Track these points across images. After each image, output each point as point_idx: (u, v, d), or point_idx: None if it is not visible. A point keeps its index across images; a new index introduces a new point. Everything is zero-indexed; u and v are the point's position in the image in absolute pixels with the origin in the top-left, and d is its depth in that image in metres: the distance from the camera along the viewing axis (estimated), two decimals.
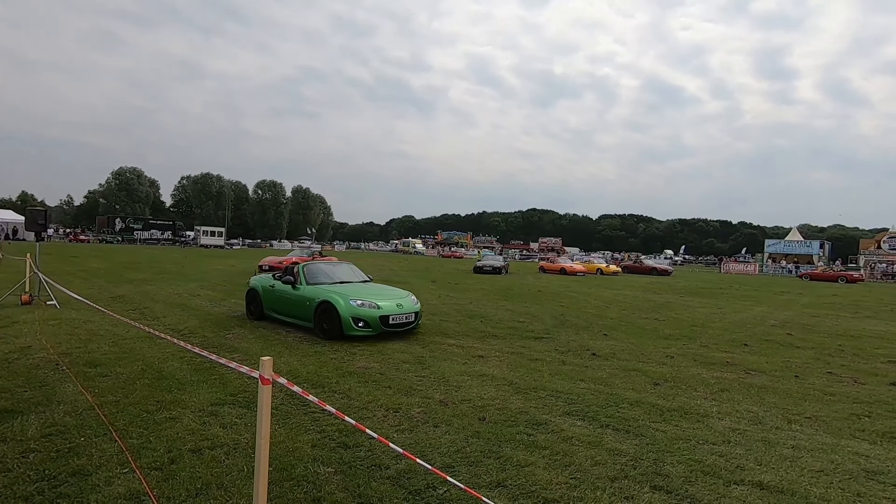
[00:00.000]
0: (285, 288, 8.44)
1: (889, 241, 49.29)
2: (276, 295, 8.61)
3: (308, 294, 8.00)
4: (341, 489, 3.02)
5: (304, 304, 7.95)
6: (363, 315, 7.36)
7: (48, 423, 3.85)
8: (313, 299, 7.80)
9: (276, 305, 8.65)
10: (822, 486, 3.30)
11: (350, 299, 7.50)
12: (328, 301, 7.55)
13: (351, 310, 7.35)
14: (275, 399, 4.38)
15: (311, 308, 7.76)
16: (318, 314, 7.66)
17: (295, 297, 8.21)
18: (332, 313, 7.44)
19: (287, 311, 8.40)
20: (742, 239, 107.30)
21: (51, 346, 6.30)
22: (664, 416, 4.60)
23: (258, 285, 9.15)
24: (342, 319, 7.28)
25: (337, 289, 8.03)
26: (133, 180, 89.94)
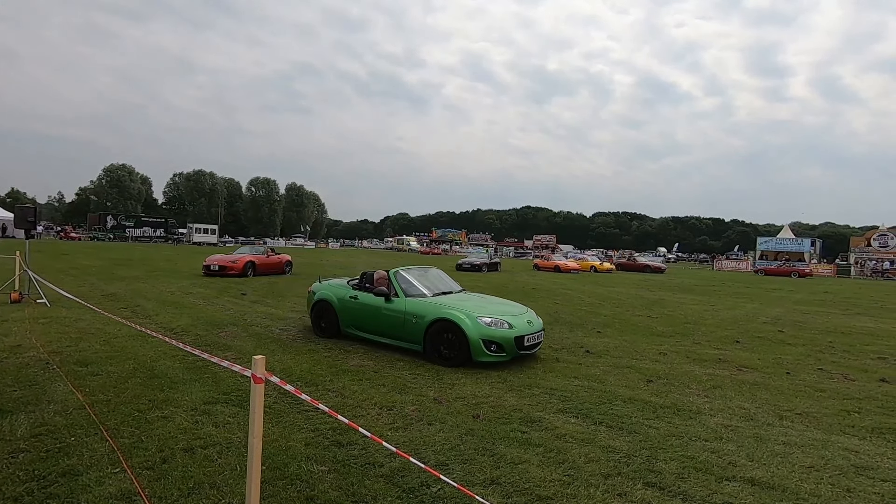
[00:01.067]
0: (375, 301, 6.92)
1: (879, 238, 49.82)
2: (361, 309, 7.09)
3: (412, 309, 6.50)
4: (335, 488, 3.01)
5: (408, 322, 6.48)
6: (496, 337, 5.99)
7: (38, 422, 3.81)
8: (422, 316, 6.36)
9: (360, 322, 7.14)
10: (813, 482, 3.34)
11: (477, 317, 6.12)
12: (447, 319, 6.13)
13: (480, 330, 5.97)
14: (268, 397, 4.36)
15: (420, 327, 6.35)
16: (431, 335, 6.25)
17: (391, 313, 6.71)
18: (453, 335, 6.06)
19: (379, 329, 6.90)
20: (735, 236, 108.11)
21: (41, 345, 6.23)
22: (657, 413, 4.62)
23: (331, 296, 7.54)
24: (470, 342, 5.92)
25: (449, 302, 6.58)
26: (125, 177, 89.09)
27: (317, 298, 7.73)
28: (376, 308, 6.88)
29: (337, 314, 7.38)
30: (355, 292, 7.29)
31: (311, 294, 8.03)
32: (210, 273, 17.23)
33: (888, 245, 48.81)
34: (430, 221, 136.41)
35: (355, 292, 7.29)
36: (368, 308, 7.00)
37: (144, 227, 66.55)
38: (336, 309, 7.39)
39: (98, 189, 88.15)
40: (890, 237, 49.26)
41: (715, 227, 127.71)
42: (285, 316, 9.47)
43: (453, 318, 6.12)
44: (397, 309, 6.66)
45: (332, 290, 7.62)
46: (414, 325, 6.43)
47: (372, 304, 6.96)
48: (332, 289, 7.70)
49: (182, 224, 73.29)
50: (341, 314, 7.35)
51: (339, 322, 7.37)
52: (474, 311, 6.28)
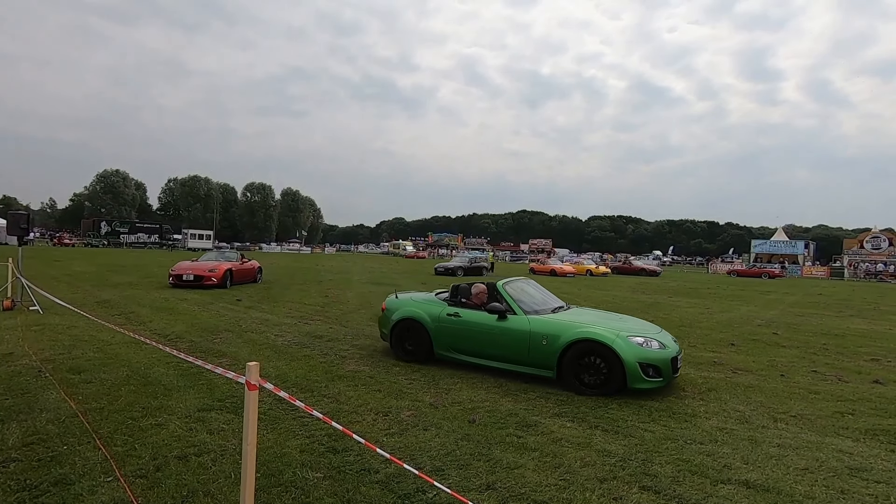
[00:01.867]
0: (484, 319, 5.96)
1: (872, 240, 50.25)
2: (466, 329, 6.06)
3: (540, 329, 5.58)
4: (330, 494, 3.00)
5: (535, 343, 5.55)
6: (653, 359, 5.17)
7: (30, 431, 3.77)
8: (555, 336, 5.43)
9: (464, 344, 6.11)
10: (807, 484, 3.35)
11: (627, 336, 5.30)
12: (592, 340, 5.23)
13: (636, 352, 5.13)
14: (263, 404, 4.34)
15: (551, 350, 5.40)
16: (568, 359, 5.31)
17: (510, 334, 5.74)
18: (601, 358, 5.19)
19: (491, 351, 5.92)
20: (729, 239, 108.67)
21: (33, 353, 6.18)
22: (652, 417, 4.63)
23: (420, 314, 6.44)
24: (626, 367, 5.04)
25: (581, 319, 5.84)
26: (119, 183, 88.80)
27: (399, 317, 6.61)
28: (488, 328, 5.90)
29: (431, 335, 6.29)
30: (454, 309, 6.28)
31: (387, 312, 6.91)
32: (180, 284, 14.78)
33: (881, 247, 49.24)
34: (426, 226, 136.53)
35: (454, 309, 6.28)
36: (477, 328, 5.99)
37: (139, 233, 66.27)
38: (429, 329, 6.30)
39: (92, 195, 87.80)
40: (882, 239, 49.70)
41: (710, 230, 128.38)
42: (280, 322, 9.44)
43: (601, 338, 5.20)
44: (519, 328, 5.70)
45: (422, 307, 6.56)
46: (544, 347, 5.48)
47: (481, 323, 5.96)
48: (420, 305, 6.63)
49: (177, 230, 73.00)
50: (437, 335, 6.27)
51: (432, 344, 6.31)
52: (621, 329, 5.49)
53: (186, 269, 15.10)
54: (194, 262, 16.08)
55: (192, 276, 14.82)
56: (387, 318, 6.88)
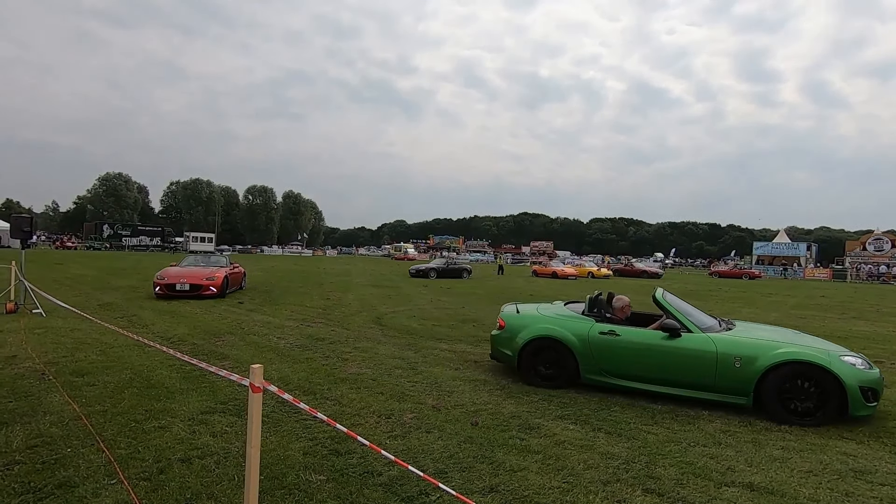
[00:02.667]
0: (650, 338, 5.23)
1: (874, 242, 50.12)
2: (628, 350, 5.27)
3: (729, 349, 4.88)
4: (333, 497, 3.00)
5: (725, 366, 4.85)
6: (871, 382, 4.59)
7: (34, 433, 3.78)
8: (751, 358, 4.76)
9: (625, 367, 5.32)
10: (812, 487, 3.34)
11: (839, 356, 4.71)
12: (803, 362, 4.59)
13: (856, 375, 4.54)
14: (266, 406, 4.34)
15: (747, 374, 4.75)
16: (770, 384, 4.67)
17: (686, 354, 5.01)
18: (811, 383, 4.58)
19: (660, 375, 5.15)
20: (731, 241, 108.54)
21: (36, 356, 6.19)
22: (655, 419, 4.62)
23: (562, 332, 5.57)
24: (849, 393, 4.45)
25: (773, 336, 5.16)
26: (121, 186, 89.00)
27: (531, 336, 5.68)
28: (658, 348, 5.14)
29: (577, 357, 5.45)
30: (608, 326, 5.47)
31: (509, 329, 5.94)
32: (172, 295, 12.44)
33: (883, 249, 49.10)
34: (427, 228, 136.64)
35: (608, 326, 5.47)
36: (642, 348, 5.22)
37: (141, 236, 66.45)
38: (576, 350, 5.45)
39: (94, 198, 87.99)
40: (885, 241, 49.57)
41: (711, 232, 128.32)
42: (282, 324, 9.45)
43: (814, 359, 4.57)
44: (700, 349, 4.98)
45: (562, 324, 5.65)
46: (737, 370, 4.80)
47: (648, 343, 5.21)
48: (559, 322, 5.70)
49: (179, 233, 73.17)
50: (586, 357, 5.42)
51: (579, 367, 5.48)
52: (825, 347, 4.94)
53: (179, 277, 12.74)
54: (184, 268, 13.75)
55: (188, 286, 12.52)
56: (508, 337, 5.89)
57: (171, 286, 12.55)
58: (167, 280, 12.67)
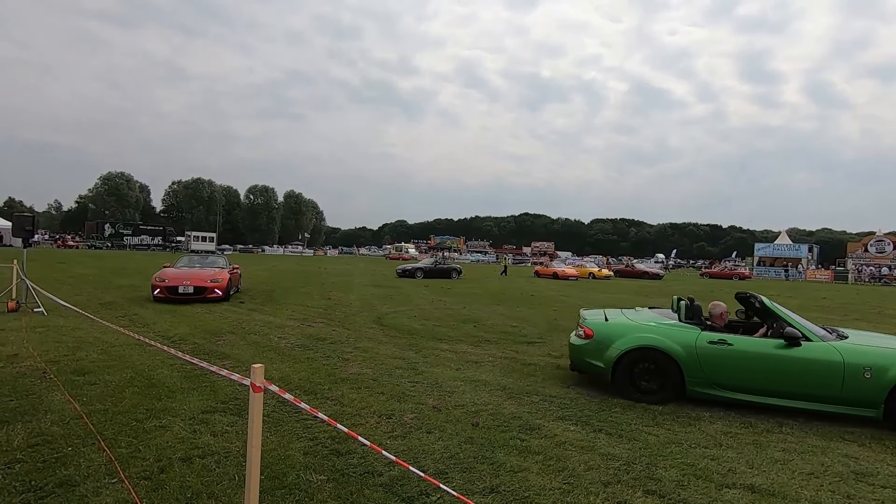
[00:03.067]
0: (765, 347, 4.93)
1: (876, 244, 50.02)
2: (741, 360, 4.95)
3: (857, 359, 4.66)
4: (333, 497, 3.00)
5: (853, 377, 4.61)
6: None
7: (34, 432, 3.78)
8: (883, 369, 4.56)
9: (737, 378, 4.98)
10: (813, 489, 3.33)
11: None
12: None
13: None
14: (266, 406, 4.34)
15: (878, 386, 4.54)
16: None
17: (808, 365, 4.76)
18: None
19: (778, 387, 4.86)
20: (732, 243, 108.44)
21: (38, 354, 6.20)
22: (656, 420, 4.62)
23: (667, 342, 5.16)
24: None
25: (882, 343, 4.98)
26: (123, 185, 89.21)
27: (629, 346, 5.26)
28: (775, 358, 4.84)
29: (683, 368, 5.08)
30: (716, 334, 5.12)
31: (600, 339, 5.48)
32: (174, 299, 11.60)
33: (885, 251, 49.00)
34: (428, 228, 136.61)
35: (716, 334, 5.12)
36: (757, 358, 4.91)
37: (142, 236, 66.60)
38: (682, 361, 5.07)
39: (96, 197, 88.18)
40: (886, 243, 49.46)
41: (713, 233, 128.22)
42: (283, 324, 9.45)
43: None
44: (823, 359, 4.71)
45: (665, 333, 5.25)
46: (866, 381, 4.57)
47: (763, 353, 4.90)
48: (660, 330, 5.30)
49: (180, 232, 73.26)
50: (693, 368, 5.05)
51: (684, 379, 5.11)
52: None
53: (181, 279, 11.87)
54: (185, 270, 12.93)
55: (192, 289, 11.71)
56: (599, 348, 5.44)
57: (173, 289, 11.61)
58: (168, 282, 11.70)
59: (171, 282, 11.76)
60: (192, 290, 11.80)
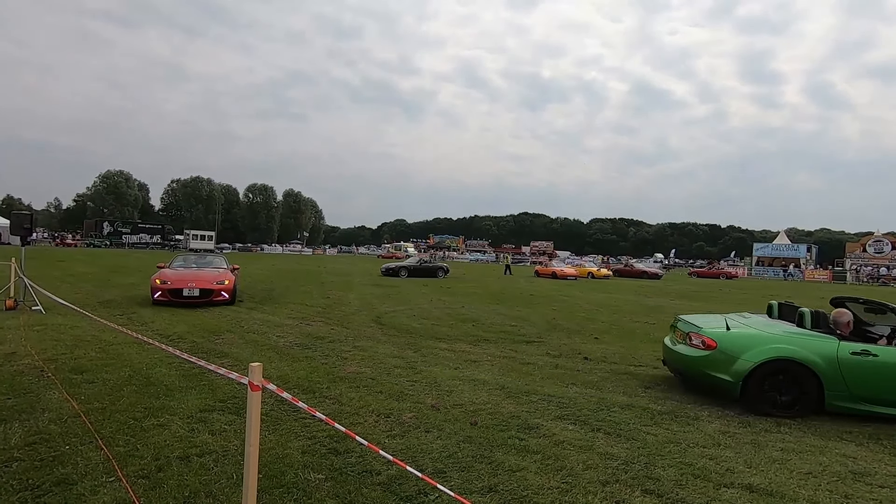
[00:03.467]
0: None
1: (874, 244, 50.11)
2: (889, 371, 4.69)
3: None
4: (332, 496, 3.00)
5: None
6: None
7: (32, 431, 3.77)
8: None
9: (886, 392, 4.74)
10: (811, 488, 3.33)
11: None
12: None
13: None
14: (265, 405, 4.34)
15: None
16: None
17: None
18: None
19: None
20: (731, 243, 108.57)
21: (35, 353, 6.19)
22: (655, 420, 4.62)
23: (806, 354, 4.83)
24: None
25: None
26: (121, 183, 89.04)
27: (763, 358, 4.88)
28: None
29: (823, 381, 4.78)
30: (859, 345, 4.82)
31: (725, 349, 5.06)
32: (177, 302, 10.67)
33: (883, 251, 49.10)
34: (427, 228, 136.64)
35: (859, 345, 4.82)
36: None
37: (141, 234, 66.52)
38: (822, 373, 4.76)
39: (95, 195, 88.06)
40: (885, 243, 49.56)
41: (712, 233, 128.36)
42: (282, 323, 9.44)
43: None
44: None
45: (800, 343, 4.91)
46: None
47: None
48: (794, 340, 4.96)
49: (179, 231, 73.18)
50: (834, 381, 4.75)
51: (823, 392, 4.82)
52: None
53: (185, 281, 10.91)
54: (186, 271, 11.96)
55: (198, 291, 10.80)
56: (724, 359, 5.05)
57: (177, 292, 10.68)
58: (171, 284, 10.78)
59: (175, 284, 10.80)
60: (199, 293, 10.81)
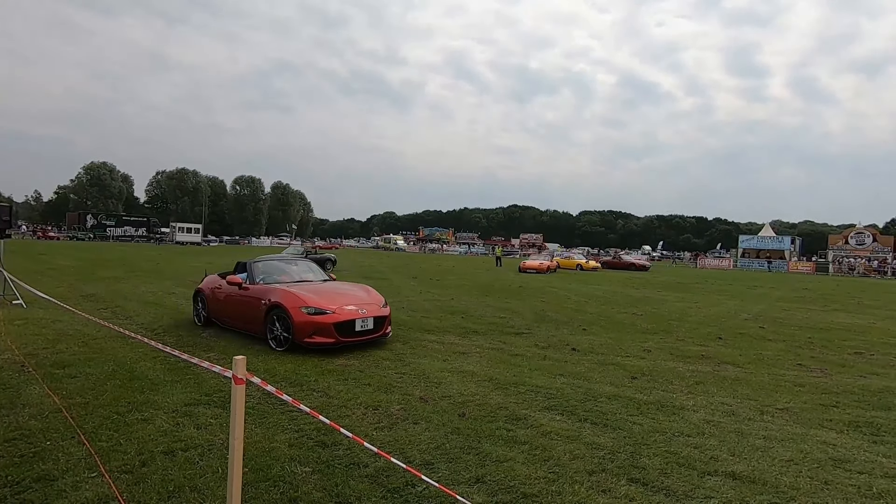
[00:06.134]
0: None
1: (856, 236, 51.04)
2: None
3: None
4: (318, 489, 2.98)
5: None
6: None
7: (12, 426, 3.70)
8: None
9: None
10: (792, 475, 3.39)
11: None
12: None
13: None
14: (251, 398, 4.30)
15: None
16: None
17: None
18: None
19: None
20: (717, 235, 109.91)
21: (16, 347, 6.07)
22: (641, 410, 4.67)
23: None
24: None
25: None
26: (105, 175, 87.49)
27: None
28: None
29: None
30: None
31: None
32: (349, 341, 6.54)
33: (865, 243, 50.04)
34: (417, 220, 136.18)
35: None
36: None
37: (126, 227, 65.46)
38: None
39: (78, 188, 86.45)
40: (866, 235, 50.51)
41: (698, 225, 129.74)
42: None
43: None
44: None
45: None
46: None
47: None
48: None
49: (165, 223, 72.12)
50: None
51: None
52: None
53: (348, 308, 6.71)
54: (320, 288, 7.30)
55: (372, 322, 6.82)
56: None
57: (348, 326, 6.52)
58: (339, 315, 6.48)
59: (342, 314, 6.55)
60: (372, 326, 6.85)
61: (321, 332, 6.35)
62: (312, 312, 6.41)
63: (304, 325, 6.32)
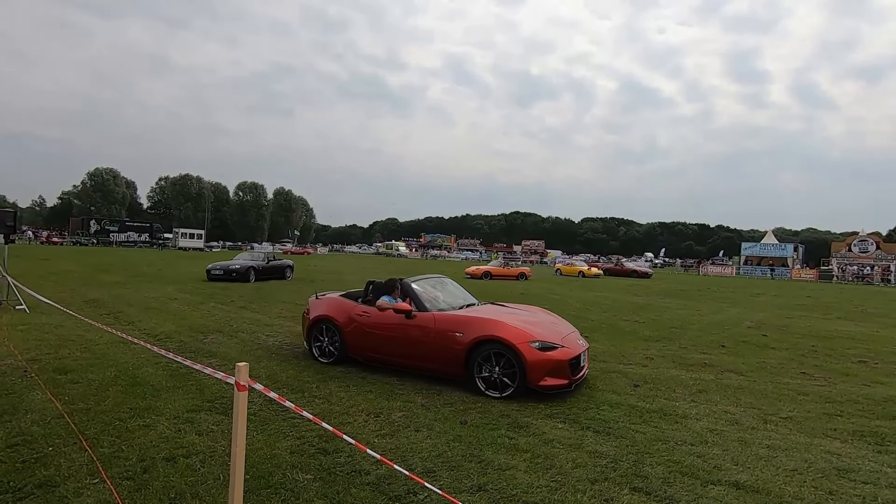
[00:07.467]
0: None
1: (859, 243, 50.91)
2: None
3: None
4: (320, 496, 2.97)
5: None
6: None
7: (14, 432, 3.71)
8: None
9: None
10: (796, 485, 3.37)
11: None
12: None
13: None
14: (253, 405, 4.30)
15: None
16: None
17: None
18: None
19: None
20: (719, 242, 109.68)
21: (19, 353, 6.08)
22: (644, 418, 4.65)
23: None
24: None
25: None
26: (109, 181, 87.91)
27: None
28: None
29: None
30: None
31: None
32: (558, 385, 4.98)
33: (868, 250, 49.89)
34: (418, 227, 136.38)
35: None
36: None
37: (129, 232, 65.59)
38: None
39: (81, 193, 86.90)
40: (869, 242, 50.38)
41: (700, 232, 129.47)
42: (272, 322, 9.37)
43: None
44: None
45: None
46: None
47: None
48: None
49: (168, 229, 72.30)
50: None
51: None
52: None
53: (573, 337, 5.86)
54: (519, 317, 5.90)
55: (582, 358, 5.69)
56: None
57: (575, 362, 5.35)
58: (569, 350, 5.34)
59: (572, 348, 5.46)
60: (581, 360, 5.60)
61: (555, 371, 5.08)
62: (540, 348, 5.12)
63: (539, 365, 5.00)
